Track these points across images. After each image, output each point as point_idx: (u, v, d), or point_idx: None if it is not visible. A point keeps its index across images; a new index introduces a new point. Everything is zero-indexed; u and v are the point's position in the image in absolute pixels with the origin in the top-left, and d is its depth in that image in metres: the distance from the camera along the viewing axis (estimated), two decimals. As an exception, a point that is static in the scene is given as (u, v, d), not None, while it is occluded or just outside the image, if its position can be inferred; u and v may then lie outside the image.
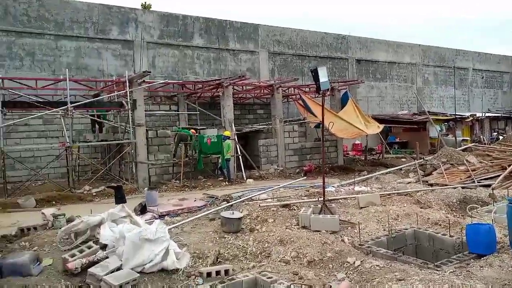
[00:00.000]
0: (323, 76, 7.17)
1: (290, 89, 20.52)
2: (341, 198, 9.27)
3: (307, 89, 20.36)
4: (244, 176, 15.34)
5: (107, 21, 19.19)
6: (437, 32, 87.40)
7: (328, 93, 9.98)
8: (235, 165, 15.77)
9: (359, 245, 6.11)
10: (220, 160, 15.44)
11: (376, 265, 5.19)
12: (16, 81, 14.36)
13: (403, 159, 19.75)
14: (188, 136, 15.24)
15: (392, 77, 29.91)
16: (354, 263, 5.39)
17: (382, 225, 7.15)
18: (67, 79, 13.59)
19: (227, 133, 15.42)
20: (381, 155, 21.67)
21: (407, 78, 30.71)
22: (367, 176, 14.08)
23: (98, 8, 18.99)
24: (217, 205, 9.49)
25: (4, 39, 16.98)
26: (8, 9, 17.06)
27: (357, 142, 24.40)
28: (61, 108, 13.30)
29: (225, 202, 9.60)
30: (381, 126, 18.21)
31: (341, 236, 6.54)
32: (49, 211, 8.57)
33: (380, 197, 8.93)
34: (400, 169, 15.06)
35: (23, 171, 15.21)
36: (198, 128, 17.14)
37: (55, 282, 5.08)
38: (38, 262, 5.42)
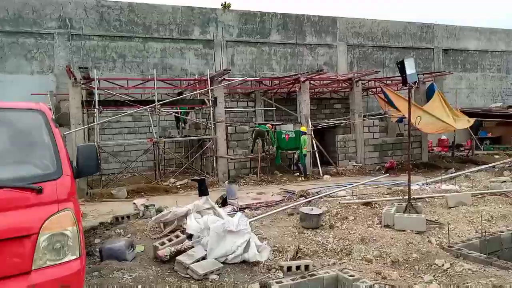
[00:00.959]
0: (410, 68, 6.77)
1: (370, 82, 19.77)
2: (427, 197, 8.76)
3: (388, 82, 19.49)
4: (321, 172, 15.15)
5: (189, 22, 20.11)
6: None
7: (415, 86, 9.45)
8: (311, 160, 15.67)
9: (448, 247, 5.73)
10: (296, 156, 15.46)
11: (468, 269, 4.85)
12: (110, 82, 15.67)
13: (496, 156, 18.10)
14: (265, 131, 15.45)
15: (484, 67, 27.44)
16: (443, 265, 5.09)
17: (474, 227, 6.63)
18: (155, 79, 14.49)
19: (303, 128, 15.37)
20: (470, 151, 20.08)
21: (501, 68, 27.96)
22: (456, 174, 13.12)
23: (181, 10, 20.00)
24: (294, 200, 9.50)
25: (99, 43, 18.62)
26: (103, 16, 18.67)
27: (443, 137, 22.82)
28: (149, 106, 14.25)
29: (302, 197, 9.57)
30: (472, 120, 16.86)
31: (427, 237, 6.19)
32: (139, 201, 9.27)
33: (472, 196, 8.30)
34: (493, 166, 13.83)
35: (115, 164, 16.59)
36: (274, 123, 17.30)
37: (147, 267, 5.47)
38: (132, 249, 5.88)
